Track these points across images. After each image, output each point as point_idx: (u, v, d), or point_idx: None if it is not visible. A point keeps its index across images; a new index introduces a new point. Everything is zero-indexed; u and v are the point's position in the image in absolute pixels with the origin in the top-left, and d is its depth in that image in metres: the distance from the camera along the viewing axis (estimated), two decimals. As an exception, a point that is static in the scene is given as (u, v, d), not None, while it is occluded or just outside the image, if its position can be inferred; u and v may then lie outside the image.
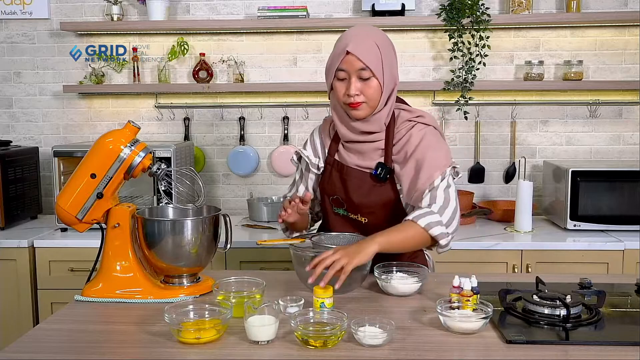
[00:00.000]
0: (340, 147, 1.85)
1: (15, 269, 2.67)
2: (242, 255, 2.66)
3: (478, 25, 2.94)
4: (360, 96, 1.69)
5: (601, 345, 1.34)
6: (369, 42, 1.68)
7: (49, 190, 3.18)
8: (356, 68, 1.67)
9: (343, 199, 1.82)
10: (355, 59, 1.66)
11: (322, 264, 1.52)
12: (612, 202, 2.76)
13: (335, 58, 1.70)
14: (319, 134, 1.93)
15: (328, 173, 1.85)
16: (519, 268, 2.62)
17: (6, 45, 3.25)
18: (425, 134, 1.75)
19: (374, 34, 1.72)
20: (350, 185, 1.80)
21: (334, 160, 1.85)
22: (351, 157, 1.81)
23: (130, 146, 1.65)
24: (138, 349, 1.36)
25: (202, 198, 1.76)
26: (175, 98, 3.24)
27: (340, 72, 1.70)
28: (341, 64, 1.68)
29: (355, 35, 1.70)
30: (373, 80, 1.68)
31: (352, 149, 1.81)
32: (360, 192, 1.79)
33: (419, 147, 1.72)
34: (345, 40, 1.69)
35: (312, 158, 1.90)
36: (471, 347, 1.33)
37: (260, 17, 3.03)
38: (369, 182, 1.78)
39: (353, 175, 1.80)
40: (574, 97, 3.13)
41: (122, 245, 1.67)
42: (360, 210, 1.80)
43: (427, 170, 1.69)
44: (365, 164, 1.79)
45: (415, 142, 1.73)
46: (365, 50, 1.66)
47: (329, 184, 1.85)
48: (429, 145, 1.72)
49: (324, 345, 1.31)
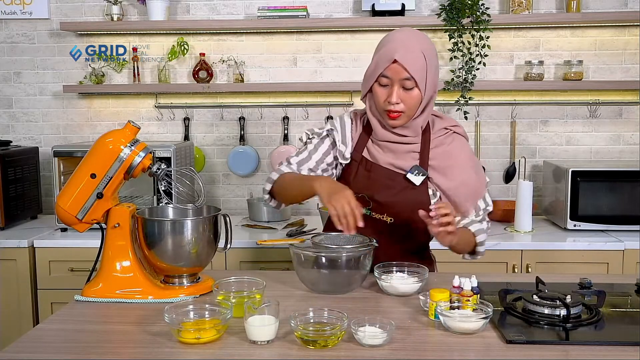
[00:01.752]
0: (370, 143, 1.80)
1: (15, 269, 2.67)
2: (242, 255, 2.66)
3: (478, 25, 2.94)
4: (400, 105, 1.68)
5: (601, 345, 1.34)
6: (416, 52, 1.66)
7: (49, 190, 3.18)
8: (401, 77, 1.66)
9: (370, 197, 1.75)
10: (401, 68, 1.64)
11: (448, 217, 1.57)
12: (612, 202, 2.76)
13: (380, 63, 1.68)
14: (351, 122, 1.84)
15: (354, 169, 1.79)
16: (519, 268, 2.62)
17: (6, 45, 3.25)
18: (464, 146, 1.82)
19: (421, 42, 1.69)
20: (380, 185, 1.75)
21: (362, 157, 1.79)
22: (384, 155, 1.78)
23: (130, 146, 1.65)
24: (138, 349, 1.36)
25: (202, 198, 1.76)
26: (175, 98, 3.24)
27: (384, 79, 1.68)
28: (386, 70, 1.66)
29: (403, 42, 1.67)
30: (415, 90, 1.68)
31: (385, 147, 1.78)
32: (389, 192, 1.75)
33: (462, 160, 1.79)
34: (393, 46, 1.66)
35: (340, 145, 1.80)
36: (471, 347, 1.33)
37: (260, 17, 3.03)
38: (400, 183, 1.75)
39: (384, 174, 1.76)
40: (574, 97, 3.13)
41: (122, 245, 1.67)
42: (387, 211, 1.76)
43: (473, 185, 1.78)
44: (399, 164, 1.76)
45: (457, 154, 1.79)
46: (412, 61, 1.65)
47: (354, 182, 1.77)
48: (472, 160, 1.81)
49: (324, 345, 1.31)
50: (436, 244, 1.77)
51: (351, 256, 1.64)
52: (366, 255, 1.65)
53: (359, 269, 1.65)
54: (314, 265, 1.65)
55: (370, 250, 1.66)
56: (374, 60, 1.72)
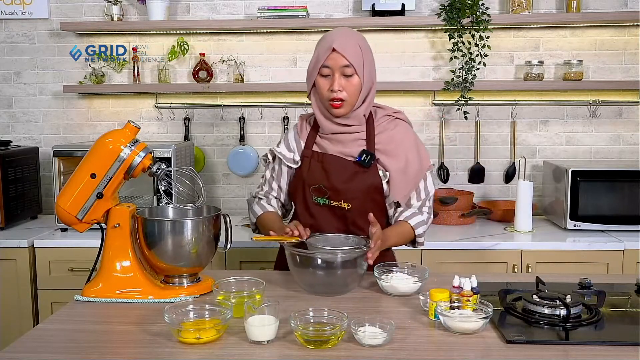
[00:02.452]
0: (319, 139, 1.91)
1: (15, 269, 2.67)
2: (242, 255, 2.66)
3: (478, 25, 2.94)
4: (342, 92, 1.78)
5: (601, 345, 1.34)
6: (352, 42, 1.80)
7: (49, 190, 3.18)
8: (340, 65, 1.77)
9: (325, 186, 1.85)
10: (340, 56, 1.76)
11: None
12: (612, 202, 2.76)
13: (320, 55, 1.80)
14: (294, 132, 1.98)
15: (307, 164, 1.90)
16: (519, 268, 2.61)
17: (6, 45, 3.25)
18: (407, 130, 1.92)
19: (356, 36, 1.83)
20: (333, 172, 1.85)
21: (313, 151, 1.91)
22: (332, 145, 1.88)
23: (130, 146, 1.65)
24: (138, 349, 1.36)
25: (202, 198, 1.76)
26: (175, 98, 3.24)
27: (325, 69, 1.79)
28: (326, 60, 1.78)
29: (339, 35, 1.81)
30: (355, 77, 1.79)
31: (332, 139, 1.88)
32: (342, 178, 1.85)
33: (406, 142, 1.88)
34: (330, 39, 1.79)
35: (286, 154, 1.94)
36: (471, 347, 1.33)
37: (260, 17, 3.03)
38: (351, 169, 1.85)
39: (335, 162, 1.86)
40: (574, 97, 3.13)
41: (122, 245, 1.67)
42: (343, 196, 1.85)
43: (418, 165, 1.87)
44: (347, 151, 1.86)
45: (401, 137, 1.89)
46: (349, 49, 1.77)
47: (309, 174, 1.89)
48: (416, 142, 1.90)
49: (324, 345, 1.31)
50: None
51: (347, 258, 1.64)
52: (362, 256, 1.65)
53: (356, 268, 1.65)
54: (309, 267, 1.65)
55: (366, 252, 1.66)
56: (313, 57, 1.83)
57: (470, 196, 3.05)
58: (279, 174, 1.98)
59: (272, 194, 1.99)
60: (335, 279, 1.65)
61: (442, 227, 2.91)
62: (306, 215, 1.90)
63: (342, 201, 1.84)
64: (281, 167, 1.96)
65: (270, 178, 2.00)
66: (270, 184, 2.00)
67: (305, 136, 1.93)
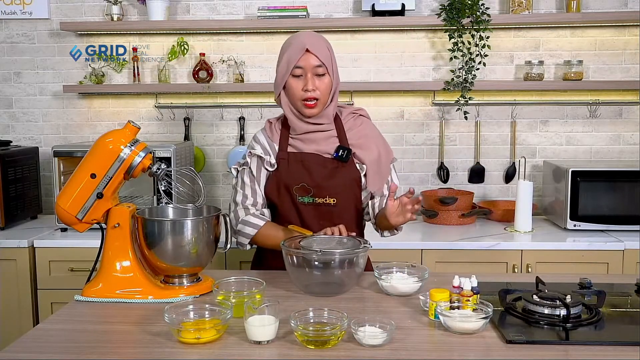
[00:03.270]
0: (292, 140, 1.94)
1: (15, 269, 2.67)
2: (242, 255, 2.66)
3: (478, 25, 2.94)
4: (316, 91, 1.83)
5: (601, 345, 1.34)
6: (322, 43, 1.87)
7: (49, 190, 3.18)
8: (313, 65, 1.82)
9: (309, 184, 1.88)
10: (313, 56, 1.82)
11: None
12: (612, 202, 2.76)
13: (292, 56, 1.83)
14: (264, 135, 1.98)
15: (285, 165, 1.91)
16: (519, 268, 2.62)
17: (6, 45, 3.25)
18: (372, 125, 2.02)
19: (323, 37, 1.91)
20: (314, 169, 1.89)
21: (289, 153, 1.93)
22: (307, 145, 1.92)
23: (130, 146, 1.65)
24: (138, 349, 1.36)
25: (202, 198, 1.77)
26: (175, 98, 3.24)
27: (297, 69, 1.83)
28: (299, 61, 1.82)
29: (309, 37, 1.87)
30: (326, 77, 1.85)
31: (306, 139, 1.92)
32: (324, 175, 1.89)
33: (374, 136, 1.98)
34: (301, 40, 1.84)
35: (265, 156, 1.92)
36: (471, 347, 1.33)
37: (260, 17, 3.03)
38: (331, 165, 1.90)
39: (314, 160, 1.90)
40: (574, 97, 3.13)
41: (122, 245, 1.67)
42: (327, 192, 1.88)
43: (387, 156, 1.97)
44: (323, 149, 1.91)
45: (368, 131, 1.98)
46: (321, 49, 1.84)
47: (289, 175, 1.90)
48: (381, 136, 2.01)
49: (324, 345, 1.31)
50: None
51: (344, 258, 1.63)
52: (359, 256, 1.65)
53: (354, 267, 1.64)
54: (306, 267, 1.65)
55: (363, 252, 1.66)
56: (283, 60, 1.86)
57: (470, 196, 3.05)
58: (258, 178, 1.93)
59: (258, 200, 1.92)
60: (331, 280, 1.65)
61: (442, 227, 2.91)
62: (292, 216, 1.91)
63: (327, 197, 1.89)
64: (260, 171, 1.93)
65: (252, 184, 1.93)
66: (254, 191, 1.92)
67: (278, 138, 1.95)
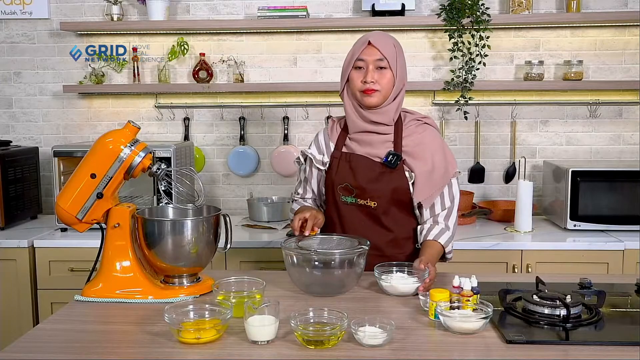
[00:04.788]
0: (348, 140, 1.96)
1: (15, 269, 2.67)
2: (242, 255, 2.66)
3: (478, 25, 2.94)
4: (375, 84, 1.84)
5: (601, 345, 1.34)
6: (388, 40, 1.89)
7: (49, 190, 3.18)
8: (375, 58, 1.85)
9: (352, 185, 1.90)
10: (374, 49, 1.85)
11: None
12: (612, 202, 2.76)
13: (356, 50, 1.88)
14: (324, 134, 2.04)
15: (336, 164, 1.94)
16: (519, 268, 2.61)
17: (6, 45, 3.25)
18: (435, 134, 1.97)
19: (392, 37, 1.93)
20: (360, 171, 1.90)
21: (342, 152, 1.95)
22: (360, 146, 1.93)
23: (130, 146, 1.65)
24: (138, 349, 1.36)
25: (202, 198, 1.77)
26: (175, 98, 3.24)
27: (359, 62, 1.87)
28: (361, 54, 1.86)
29: (376, 33, 1.92)
30: (388, 71, 1.86)
31: (361, 140, 1.93)
32: (369, 178, 1.89)
33: (433, 146, 1.92)
34: (366, 36, 1.89)
35: (317, 155, 2.00)
36: (471, 347, 1.33)
37: (260, 17, 3.03)
38: (378, 169, 1.89)
39: (362, 162, 1.91)
40: (574, 97, 3.13)
41: (122, 245, 1.68)
42: (369, 195, 1.89)
43: (444, 169, 1.90)
44: (375, 152, 1.91)
45: (428, 140, 1.93)
46: (384, 44, 1.86)
47: (337, 174, 1.93)
48: (443, 147, 1.95)
49: (324, 345, 1.31)
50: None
51: (344, 258, 1.63)
52: (359, 256, 1.65)
53: (354, 268, 1.65)
54: (306, 267, 1.65)
55: (362, 252, 1.66)
56: (349, 54, 1.93)
57: (470, 196, 3.05)
58: (309, 175, 2.04)
59: (307, 195, 2.07)
60: (332, 280, 1.65)
61: (442, 227, 2.91)
62: (334, 214, 1.95)
63: (369, 200, 1.89)
64: (312, 169, 2.02)
65: (304, 180, 2.07)
66: (304, 186, 2.07)
67: (336, 137, 1.99)
